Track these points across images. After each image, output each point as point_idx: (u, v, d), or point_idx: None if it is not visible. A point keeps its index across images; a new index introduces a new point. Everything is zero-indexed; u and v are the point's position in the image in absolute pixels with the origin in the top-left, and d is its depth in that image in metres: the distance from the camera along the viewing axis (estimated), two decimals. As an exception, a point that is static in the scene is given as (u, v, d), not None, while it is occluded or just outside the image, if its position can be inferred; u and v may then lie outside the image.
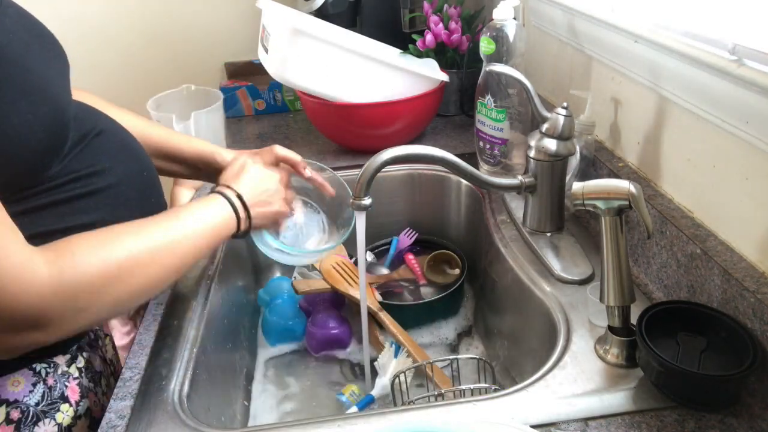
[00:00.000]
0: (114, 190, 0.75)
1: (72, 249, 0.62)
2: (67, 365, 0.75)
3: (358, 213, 0.80)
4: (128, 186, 0.77)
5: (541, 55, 1.23)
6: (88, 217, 0.70)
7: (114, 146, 0.78)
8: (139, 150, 0.84)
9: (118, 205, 0.75)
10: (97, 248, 0.64)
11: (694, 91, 0.75)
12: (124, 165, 0.77)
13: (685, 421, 0.63)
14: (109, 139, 0.78)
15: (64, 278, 0.60)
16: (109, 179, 0.74)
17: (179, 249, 0.72)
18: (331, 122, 1.28)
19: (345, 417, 0.68)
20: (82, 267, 0.62)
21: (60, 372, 0.74)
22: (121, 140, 0.80)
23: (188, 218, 0.75)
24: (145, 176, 0.81)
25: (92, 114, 0.78)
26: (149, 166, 0.84)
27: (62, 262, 0.60)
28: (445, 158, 0.83)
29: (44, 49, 0.71)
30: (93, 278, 0.62)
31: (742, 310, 0.66)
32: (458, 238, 1.24)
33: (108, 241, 0.66)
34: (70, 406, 0.74)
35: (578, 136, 0.95)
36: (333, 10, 1.44)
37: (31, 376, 0.71)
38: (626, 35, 0.88)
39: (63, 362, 0.75)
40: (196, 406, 0.73)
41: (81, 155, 0.72)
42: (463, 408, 0.67)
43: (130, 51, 1.70)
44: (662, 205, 0.82)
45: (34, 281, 0.58)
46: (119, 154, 0.78)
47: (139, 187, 0.80)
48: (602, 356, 0.72)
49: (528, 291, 0.87)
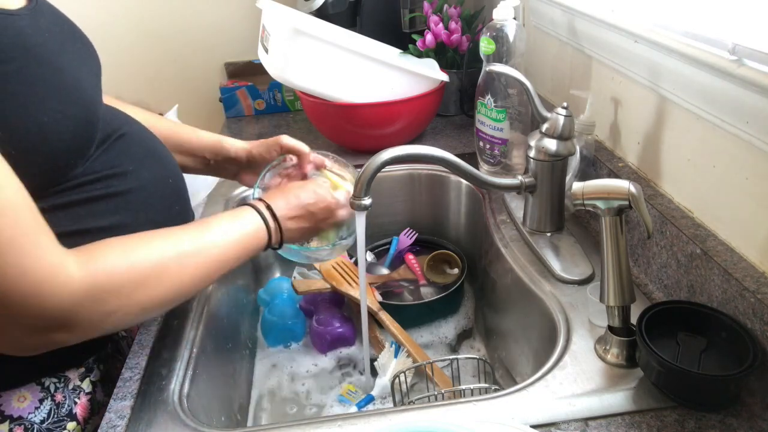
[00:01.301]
0: (135, 195, 0.73)
1: (104, 252, 0.62)
2: (80, 379, 0.74)
3: (358, 213, 0.80)
4: (151, 191, 0.76)
5: (541, 55, 1.23)
6: (105, 221, 0.69)
7: (139, 150, 0.77)
8: (165, 156, 0.82)
9: (139, 210, 0.74)
10: (127, 253, 0.64)
11: (694, 91, 0.75)
12: (148, 169, 0.76)
13: (685, 421, 0.63)
14: (134, 141, 0.77)
15: (95, 281, 0.60)
16: (131, 183, 0.73)
17: (207, 258, 0.71)
18: (331, 122, 1.28)
19: (345, 417, 0.69)
20: (112, 270, 0.61)
21: (71, 387, 0.72)
22: (147, 144, 0.79)
23: (217, 228, 0.74)
24: (170, 183, 0.80)
25: (117, 115, 0.78)
26: (176, 173, 0.83)
27: (93, 265, 0.60)
28: (445, 158, 0.83)
29: (77, 49, 0.72)
30: (122, 282, 0.62)
31: (742, 310, 0.66)
32: (458, 238, 1.24)
33: (138, 246, 0.65)
34: (78, 424, 0.72)
35: (578, 136, 0.95)
36: (333, 10, 1.44)
37: (38, 392, 0.69)
38: (626, 35, 0.88)
39: (75, 376, 0.73)
40: (196, 406, 0.73)
41: (103, 156, 0.71)
42: (463, 408, 0.67)
43: (130, 51, 1.70)
44: (662, 205, 0.82)
45: (66, 283, 0.57)
46: (144, 158, 0.77)
47: (163, 194, 0.78)
48: (602, 356, 0.72)
49: (528, 291, 0.87)
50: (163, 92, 1.74)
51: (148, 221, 0.72)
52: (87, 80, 0.70)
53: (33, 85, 0.60)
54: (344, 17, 1.46)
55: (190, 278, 0.69)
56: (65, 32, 0.71)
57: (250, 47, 1.53)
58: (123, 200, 0.72)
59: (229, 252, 0.74)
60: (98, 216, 0.69)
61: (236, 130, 1.51)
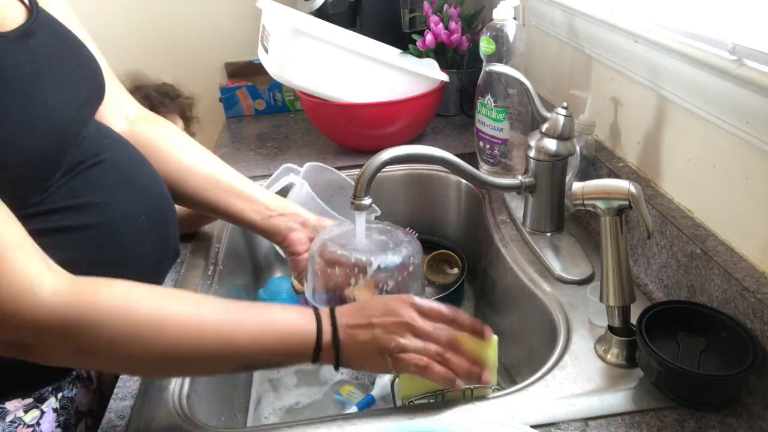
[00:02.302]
0: (100, 230, 0.67)
1: (100, 293, 0.57)
2: (24, 410, 0.67)
3: (358, 213, 0.80)
4: (121, 226, 0.69)
5: (541, 55, 1.23)
6: (64, 254, 0.61)
7: (113, 179, 0.70)
8: (149, 187, 0.76)
9: (102, 246, 0.67)
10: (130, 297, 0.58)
11: (694, 91, 0.75)
12: (120, 201, 0.70)
13: (685, 421, 0.63)
14: (109, 170, 0.70)
15: (69, 316, 0.54)
16: (95, 217, 0.67)
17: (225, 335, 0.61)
18: (331, 122, 1.28)
19: (345, 417, 0.68)
20: (99, 306, 0.56)
21: (9, 420, 0.66)
22: (125, 174, 0.73)
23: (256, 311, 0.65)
24: (144, 219, 0.72)
25: (99, 141, 0.71)
26: (158, 207, 0.76)
27: (78, 301, 0.55)
28: (445, 158, 0.83)
29: (65, 72, 0.68)
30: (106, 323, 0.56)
31: (742, 310, 0.66)
32: (458, 238, 1.24)
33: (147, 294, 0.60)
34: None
35: (578, 136, 0.95)
36: (333, 10, 1.44)
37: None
38: (626, 35, 0.88)
39: (18, 407, 0.67)
40: (196, 406, 0.73)
41: (68, 185, 0.65)
42: (463, 408, 0.67)
43: (130, 51, 1.70)
44: (662, 205, 0.82)
45: (33, 303, 0.53)
46: (118, 189, 0.71)
47: (137, 230, 0.72)
48: (602, 356, 0.72)
49: (528, 291, 0.87)
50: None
51: (115, 258, 0.67)
52: (64, 107, 0.65)
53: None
54: (344, 17, 1.46)
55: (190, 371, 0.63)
56: (55, 54, 0.67)
57: (250, 47, 1.53)
58: (84, 235, 0.66)
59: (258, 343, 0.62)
60: (57, 248, 0.60)
61: (236, 130, 1.51)
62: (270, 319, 0.63)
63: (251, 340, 0.62)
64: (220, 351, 0.61)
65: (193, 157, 0.87)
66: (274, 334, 0.63)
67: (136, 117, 0.87)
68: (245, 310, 0.64)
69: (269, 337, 0.62)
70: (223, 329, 0.61)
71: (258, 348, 0.62)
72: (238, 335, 0.61)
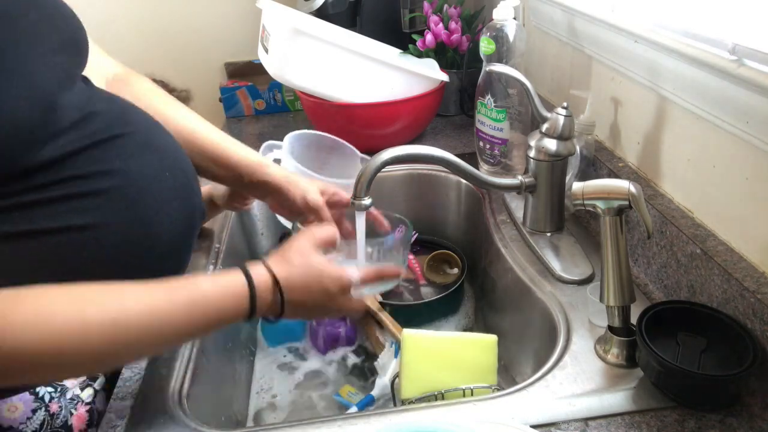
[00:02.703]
0: (124, 192, 0.64)
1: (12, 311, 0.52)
2: (80, 388, 0.70)
3: (358, 213, 0.80)
4: (146, 187, 0.66)
5: (541, 55, 1.23)
6: (82, 219, 0.60)
7: (132, 149, 0.68)
8: (167, 147, 0.73)
9: (131, 206, 0.64)
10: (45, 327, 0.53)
11: (694, 91, 0.75)
12: (140, 166, 0.67)
13: (685, 421, 0.63)
14: (127, 142, 0.68)
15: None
16: (118, 181, 0.64)
17: None
18: (331, 122, 1.28)
19: (345, 417, 0.68)
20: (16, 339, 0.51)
21: (69, 397, 0.69)
22: (142, 140, 0.70)
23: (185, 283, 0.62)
24: (168, 177, 0.70)
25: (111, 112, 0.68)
26: (180, 165, 0.73)
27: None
28: (445, 158, 0.83)
29: (38, 19, 0.62)
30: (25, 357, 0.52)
31: (742, 310, 0.66)
32: (458, 238, 1.24)
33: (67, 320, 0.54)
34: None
35: (578, 136, 0.95)
36: (333, 10, 1.44)
37: (31, 402, 0.66)
38: (626, 35, 0.88)
39: (75, 385, 0.69)
40: (196, 406, 0.73)
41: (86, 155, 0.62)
42: (463, 408, 0.67)
43: (130, 51, 1.70)
44: (662, 205, 0.82)
45: None
46: (138, 155, 0.68)
47: (163, 188, 0.69)
48: (602, 356, 0.72)
49: (528, 291, 0.87)
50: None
51: (137, 219, 0.63)
52: (42, 65, 0.60)
53: None
54: (344, 17, 1.46)
55: None
56: (35, 8, 0.62)
57: (250, 47, 1.53)
58: (105, 198, 0.63)
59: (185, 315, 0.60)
60: (84, 213, 0.59)
61: (236, 130, 1.51)
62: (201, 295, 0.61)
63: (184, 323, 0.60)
64: (152, 342, 0.59)
65: (182, 119, 0.83)
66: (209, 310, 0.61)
67: (114, 76, 0.83)
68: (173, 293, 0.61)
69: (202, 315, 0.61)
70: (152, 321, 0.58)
71: (191, 327, 0.60)
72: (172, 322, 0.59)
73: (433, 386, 0.75)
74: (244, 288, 0.62)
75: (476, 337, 0.79)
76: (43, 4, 0.64)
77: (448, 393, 0.74)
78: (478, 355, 0.77)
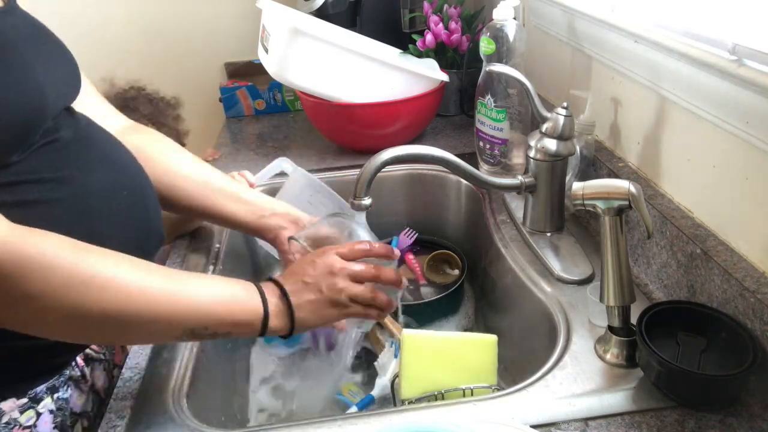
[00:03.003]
0: (73, 204, 0.66)
1: (50, 235, 0.58)
2: (19, 411, 0.66)
3: (358, 213, 0.80)
4: (98, 203, 0.68)
5: (541, 55, 1.23)
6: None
7: (92, 155, 0.70)
8: (128, 166, 0.75)
9: (76, 222, 0.66)
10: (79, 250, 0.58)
11: (694, 91, 0.75)
12: (98, 177, 0.69)
13: (685, 421, 0.63)
14: (86, 147, 0.70)
15: (23, 250, 0.55)
16: (69, 191, 0.66)
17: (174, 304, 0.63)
18: (331, 122, 1.28)
19: (345, 417, 0.68)
20: (48, 251, 0.56)
21: (5, 421, 0.65)
22: (103, 152, 0.72)
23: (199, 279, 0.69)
24: (125, 196, 0.72)
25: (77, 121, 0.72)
26: (138, 185, 0.75)
27: (30, 237, 0.56)
28: (445, 158, 0.83)
29: (44, 50, 0.69)
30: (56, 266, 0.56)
31: (742, 310, 0.66)
32: (458, 238, 1.24)
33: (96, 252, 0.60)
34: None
35: (578, 136, 0.95)
36: (333, 10, 1.44)
37: None
38: (626, 35, 0.88)
39: (13, 408, 0.66)
40: (196, 406, 0.73)
41: (44, 156, 0.65)
42: (463, 408, 0.67)
43: (130, 51, 1.70)
44: (662, 205, 0.82)
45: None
46: (96, 165, 0.70)
47: (117, 208, 0.71)
48: (602, 356, 0.72)
49: (528, 291, 0.87)
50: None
51: (90, 235, 0.64)
52: (44, 72, 0.65)
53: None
54: (344, 17, 1.46)
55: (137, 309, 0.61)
56: (32, 33, 0.68)
57: (250, 47, 1.53)
58: (61, 208, 0.65)
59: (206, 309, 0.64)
60: (32, 222, 0.59)
61: (236, 130, 1.51)
62: (217, 289, 0.66)
63: (196, 308, 0.63)
64: (161, 318, 0.62)
65: (182, 162, 0.88)
66: (221, 304, 0.65)
67: (123, 127, 0.87)
68: (190, 279, 0.67)
69: (216, 307, 0.64)
70: (167, 297, 0.62)
71: (204, 317, 0.64)
72: (183, 303, 0.63)
73: (433, 386, 0.75)
74: (255, 290, 0.68)
75: (476, 337, 0.79)
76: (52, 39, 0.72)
77: (448, 393, 0.74)
78: (478, 355, 0.77)
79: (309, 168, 1.15)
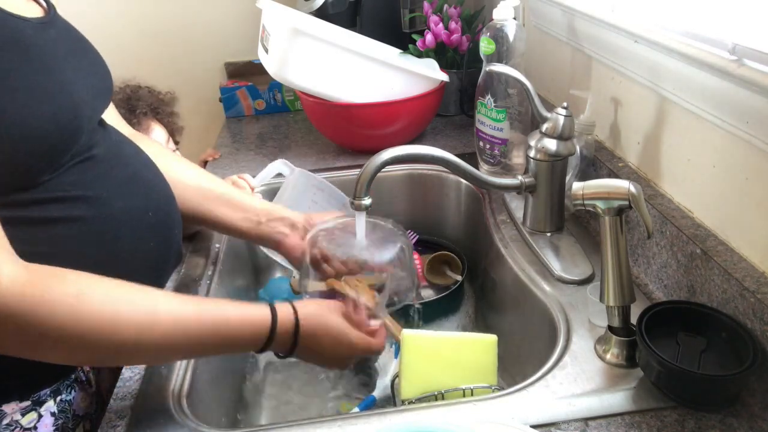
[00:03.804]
0: (97, 224, 0.66)
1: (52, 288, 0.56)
2: (21, 413, 0.67)
3: (358, 213, 0.80)
4: (124, 222, 0.69)
5: (541, 55, 1.23)
6: (61, 246, 0.62)
7: (122, 173, 0.70)
8: (156, 185, 0.76)
9: (100, 241, 0.67)
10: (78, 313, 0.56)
11: (694, 91, 0.75)
12: (126, 196, 0.70)
13: (685, 421, 0.63)
14: (117, 165, 0.70)
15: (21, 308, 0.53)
16: (95, 209, 0.66)
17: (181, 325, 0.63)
18: (331, 122, 1.28)
19: (345, 417, 0.68)
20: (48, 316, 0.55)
21: (5, 423, 0.65)
22: (133, 170, 0.73)
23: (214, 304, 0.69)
24: (150, 216, 0.73)
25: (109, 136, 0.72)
26: (165, 206, 0.76)
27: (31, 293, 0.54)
28: (445, 158, 0.83)
29: (82, 63, 0.70)
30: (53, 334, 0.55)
31: (742, 310, 0.66)
32: (458, 238, 1.24)
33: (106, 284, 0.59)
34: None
35: (578, 136, 0.95)
36: (333, 10, 1.44)
37: None
38: (626, 35, 0.88)
39: (15, 410, 0.66)
40: (196, 406, 0.73)
41: (74, 174, 0.65)
42: (463, 408, 0.67)
43: (129, 50, 1.70)
44: (662, 205, 0.82)
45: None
46: (125, 184, 0.70)
47: (142, 227, 0.71)
48: (602, 356, 0.72)
49: (528, 291, 0.87)
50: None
51: (112, 257, 0.66)
52: (81, 88, 0.66)
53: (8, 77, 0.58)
54: (344, 17, 1.46)
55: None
56: (72, 47, 0.70)
57: (250, 47, 1.53)
58: (85, 227, 0.65)
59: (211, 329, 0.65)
60: (54, 240, 0.61)
61: (236, 130, 1.51)
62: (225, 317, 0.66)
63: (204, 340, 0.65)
64: (170, 349, 0.64)
65: (179, 170, 0.88)
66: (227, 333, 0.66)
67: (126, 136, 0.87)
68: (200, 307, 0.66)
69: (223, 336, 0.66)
70: (176, 329, 0.62)
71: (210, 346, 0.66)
72: (191, 334, 0.63)
73: (432, 386, 0.74)
74: (267, 318, 0.68)
75: (476, 337, 0.79)
76: (91, 52, 0.74)
77: (448, 393, 0.74)
78: (478, 355, 0.77)
79: (309, 168, 1.15)
